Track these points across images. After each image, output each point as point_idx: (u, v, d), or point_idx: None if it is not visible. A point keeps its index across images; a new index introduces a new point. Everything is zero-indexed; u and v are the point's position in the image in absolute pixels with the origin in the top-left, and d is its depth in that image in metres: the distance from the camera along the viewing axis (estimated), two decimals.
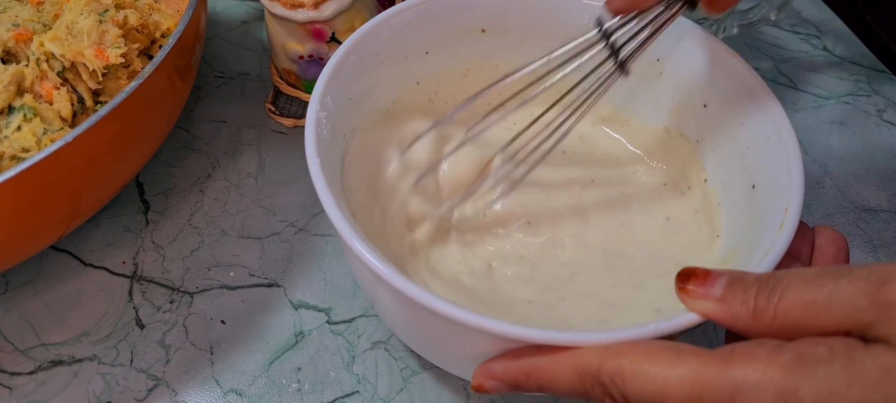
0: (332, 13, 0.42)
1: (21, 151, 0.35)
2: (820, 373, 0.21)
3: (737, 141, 0.35)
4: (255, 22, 0.56)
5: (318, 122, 0.31)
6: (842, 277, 0.22)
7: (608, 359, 0.24)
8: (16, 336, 0.37)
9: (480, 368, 0.27)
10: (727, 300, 0.24)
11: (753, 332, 0.24)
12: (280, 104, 0.48)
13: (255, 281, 0.40)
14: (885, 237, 0.44)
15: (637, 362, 0.23)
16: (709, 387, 0.22)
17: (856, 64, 0.56)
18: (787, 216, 0.28)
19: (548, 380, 0.25)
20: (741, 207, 0.34)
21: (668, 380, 0.22)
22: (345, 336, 0.38)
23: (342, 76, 0.34)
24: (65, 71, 0.39)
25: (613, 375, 0.24)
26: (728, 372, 0.22)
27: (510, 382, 0.27)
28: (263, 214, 0.43)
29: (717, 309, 0.24)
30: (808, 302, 0.22)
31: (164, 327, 0.38)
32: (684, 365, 0.22)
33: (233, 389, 0.36)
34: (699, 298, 0.25)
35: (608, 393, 0.24)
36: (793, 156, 0.31)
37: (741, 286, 0.24)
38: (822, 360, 0.21)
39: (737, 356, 0.22)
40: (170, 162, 0.46)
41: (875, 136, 0.50)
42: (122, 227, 0.42)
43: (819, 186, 0.47)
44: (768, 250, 0.28)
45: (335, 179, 0.31)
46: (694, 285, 0.25)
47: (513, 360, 0.26)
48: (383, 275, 0.26)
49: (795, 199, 0.29)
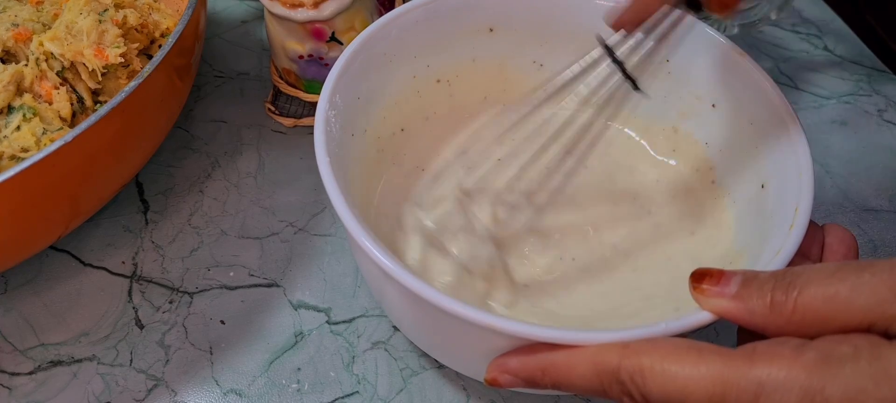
0: (332, 13, 0.42)
1: (20, 151, 0.35)
2: (846, 372, 0.20)
3: (746, 140, 0.35)
4: (254, 21, 0.56)
5: (327, 121, 0.31)
6: (864, 271, 0.22)
7: (628, 357, 0.23)
8: (15, 337, 0.37)
9: (495, 362, 0.27)
10: (743, 297, 0.24)
11: (770, 328, 0.23)
12: (280, 104, 0.48)
13: (254, 281, 0.40)
14: (887, 237, 0.44)
15: (658, 360, 0.23)
16: (732, 387, 0.21)
17: (857, 63, 0.55)
18: (798, 215, 0.28)
19: (564, 377, 0.25)
20: (750, 207, 0.34)
21: (689, 379, 0.22)
22: (344, 337, 0.37)
23: (350, 75, 0.34)
24: (64, 70, 0.39)
25: (633, 374, 0.23)
26: (751, 372, 0.21)
27: (526, 378, 0.26)
28: (263, 214, 0.43)
29: (733, 306, 0.24)
30: (830, 295, 0.22)
31: (163, 327, 0.38)
32: (706, 364, 0.22)
33: (232, 389, 0.35)
34: (714, 297, 0.25)
35: (627, 392, 0.24)
36: (802, 155, 0.31)
37: (757, 283, 0.24)
38: (848, 358, 0.21)
39: (759, 354, 0.22)
40: (169, 162, 0.46)
41: (876, 136, 0.50)
42: (122, 227, 0.42)
43: (820, 186, 0.46)
44: (779, 249, 0.27)
45: (344, 179, 0.31)
46: (708, 284, 0.25)
47: (529, 356, 0.26)
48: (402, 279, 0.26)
49: (806, 198, 0.29)
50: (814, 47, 0.57)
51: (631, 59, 0.31)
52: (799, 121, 0.32)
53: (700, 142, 0.38)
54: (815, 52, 0.56)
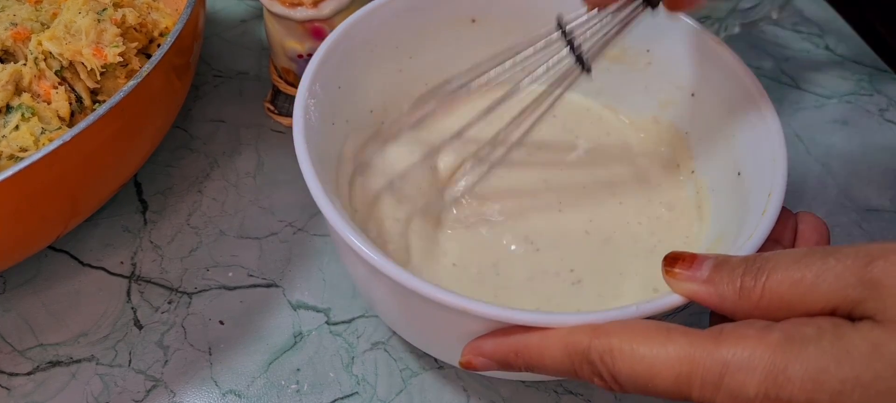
0: (331, 11, 0.42)
1: (19, 151, 0.35)
2: (809, 351, 0.21)
3: (723, 128, 0.35)
4: (253, 21, 0.55)
5: (306, 109, 0.32)
6: (829, 256, 0.22)
7: (598, 338, 0.24)
8: (14, 337, 0.37)
9: (470, 345, 0.28)
10: (714, 281, 0.24)
11: (740, 312, 0.24)
12: (279, 103, 0.48)
13: (253, 281, 0.40)
14: (888, 237, 0.44)
15: (627, 341, 0.23)
16: (698, 366, 0.22)
17: (858, 63, 0.55)
18: (771, 200, 0.29)
19: (537, 359, 0.26)
20: (727, 194, 0.34)
21: (657, 359, 0.23)
22: (344, 337, 0.37)
23: (331, 64, 0.34)
24: (63, 70, 0.38)
25: (603, 354, 0.24)
26: (717, 351, 0.22)
27: (499, 360, 0.27)
28: (262, 214, 0.43)
29: (704, 290, 0.25)
30: (796, 280, 0.23)
31: (162, 327, 0.37)
32: (674, 344, 0.23)
33: (231, 390, 0.35)
34: (686, 280, 0.25)
35: (597, 372, 0.24)
36: (776, 142, 0.31)
37: (728, 267, 0.24)
38: (811, 339, 0.21)
39: (726, 335, 0.22)
40: (168, 161, 0.45)
41: (877, 136, 0.50)
42: (121, 227, 0.42)
43: (821, 186, 0.46)
44: (751, 234, 0.28)
45: (325, 167, 0.32)
46: (681, 268, 0.25)
47: (502, 338, 0.26)
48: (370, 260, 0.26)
49: (779, 184, 0.29)
50: (815, 46, 0.57)
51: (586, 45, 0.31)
52: (773, 108, 0.32)
53: (679, 131, 0.39)
54: (816, 52, 0.56)
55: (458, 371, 0.36)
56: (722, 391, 0.22)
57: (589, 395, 0.36)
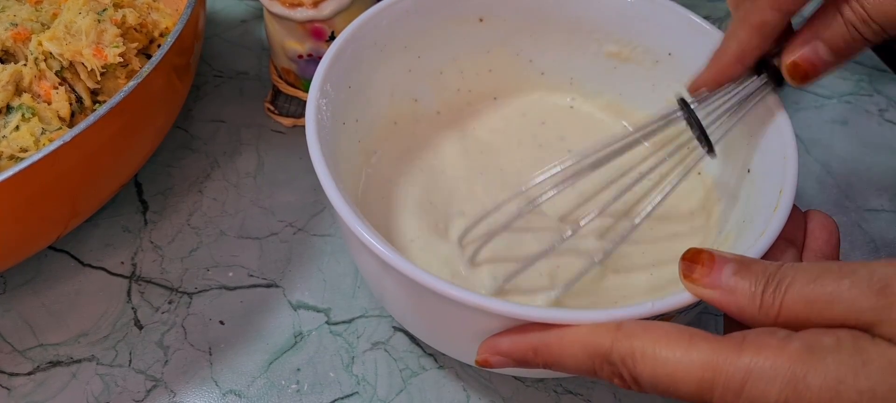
0: (332, 12, 0.42)
1: (19, 151, 0.35)
2: (828, 362, 0.21)
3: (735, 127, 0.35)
4: (254, 21, 0.55)
5: (318, 109, 0.32)
6: (844, 277, 0.23)
7: (620, 340, 0.24)
8: (14, 337, 0.37)
9: (486, 343, 0.27)
10: (734, 292, 0.24)
11: (758, 324, 0.24)
12: (279, 103, 0.48)
13: (253, 281, 0.40)
14: (888, 237, 0.44)
15: (650, 345, 0.23)
16: (720, 373, 0.22)
17: (857, 63, 0.55)
18: (782, 198, 0.29)
19: (556, 357, 0.25)
20: (736, 191, 0.34)
21: (680, 364, 0.23)
22: (344, 337, 0.37)
23: (341, 65, 0.35)
24: (63, 70, 0.39)
25: (625, 356, 0.24)
26: (739, 360, 0.22)
27: (517, 358, 0.27)
28: (262, 214, 0.43)
29: (724, 300, 0.25)
30: (811, 299, 0.23)
31: (162, 328, 0.37)
32: (697, 350, 0.23)
33: (232, 390, 0.35)
34: (706, 287, 0.25)
35: (617, 373, 0.24)
36: (788, 140, 0.31)
37: (748, 279, 0.24)
38: (830, 349, 0.22)
39: (748, 343, 0.22)
40: (168, 161, 0.45)
41: (877, 136, 0.50)
42: (121, 227, 0.42)
43: (820, 186, 0.46)
44: (762, 231, 0.28)
45: (337, 167, 0.32)
46: (700, 273, 0.25)
47: (520, 335, 0.26)
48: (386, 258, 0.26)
49: (790, 182, 0.29)
50: None
51: (710, 124, 0.31)
52: (784, 106, 0.32)
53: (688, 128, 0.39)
54: None
55: (459, 370, 0.36)
56: (743, 397, 0.22)
57: (589, 395, 0.36)
